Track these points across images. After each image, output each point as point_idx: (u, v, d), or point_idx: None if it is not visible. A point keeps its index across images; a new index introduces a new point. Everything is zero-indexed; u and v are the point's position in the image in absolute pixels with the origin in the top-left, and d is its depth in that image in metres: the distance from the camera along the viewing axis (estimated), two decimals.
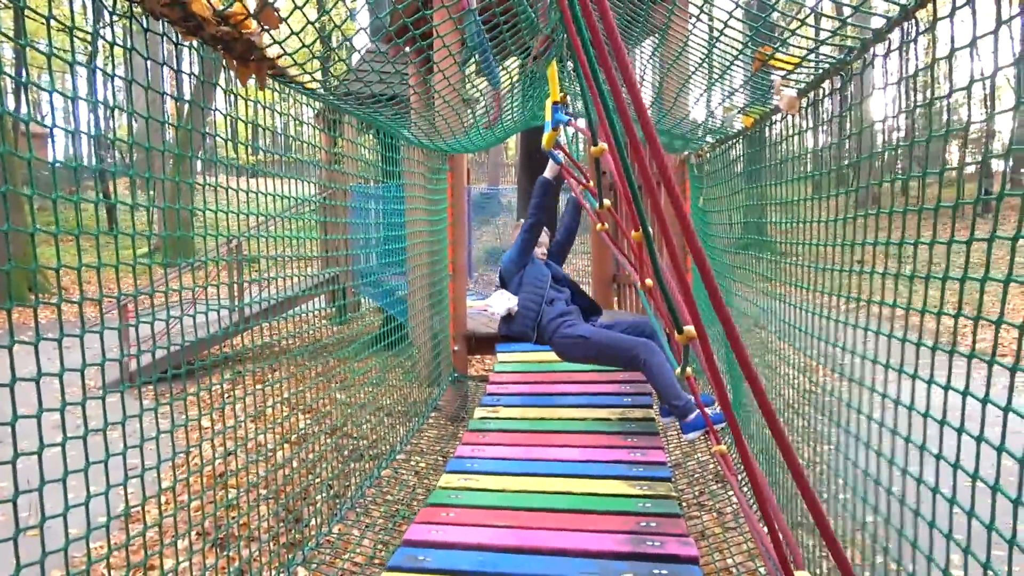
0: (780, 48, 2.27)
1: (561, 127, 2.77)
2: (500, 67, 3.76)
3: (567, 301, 4.13)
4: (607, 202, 2.76)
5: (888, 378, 1.80)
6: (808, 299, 2.44)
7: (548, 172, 4.00)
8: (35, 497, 1.59)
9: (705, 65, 2.72)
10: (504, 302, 4.01)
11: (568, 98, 3.01)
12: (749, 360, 1.06)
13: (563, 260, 4.62)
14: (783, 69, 2.29)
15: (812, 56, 2.10)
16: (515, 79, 3.81)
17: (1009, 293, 1.22)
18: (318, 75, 2.51)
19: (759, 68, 2.43)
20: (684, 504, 3.58)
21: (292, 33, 2.02)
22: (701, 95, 3.34)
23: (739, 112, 3.23)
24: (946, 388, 1.48)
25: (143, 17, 1.72)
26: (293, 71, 2.24)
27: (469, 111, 4.26)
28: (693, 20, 2.35)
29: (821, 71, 2.12)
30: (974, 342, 1.39)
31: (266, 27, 1.86)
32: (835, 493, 2.28)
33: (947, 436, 1.52)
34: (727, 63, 2.68)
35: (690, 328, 1.23)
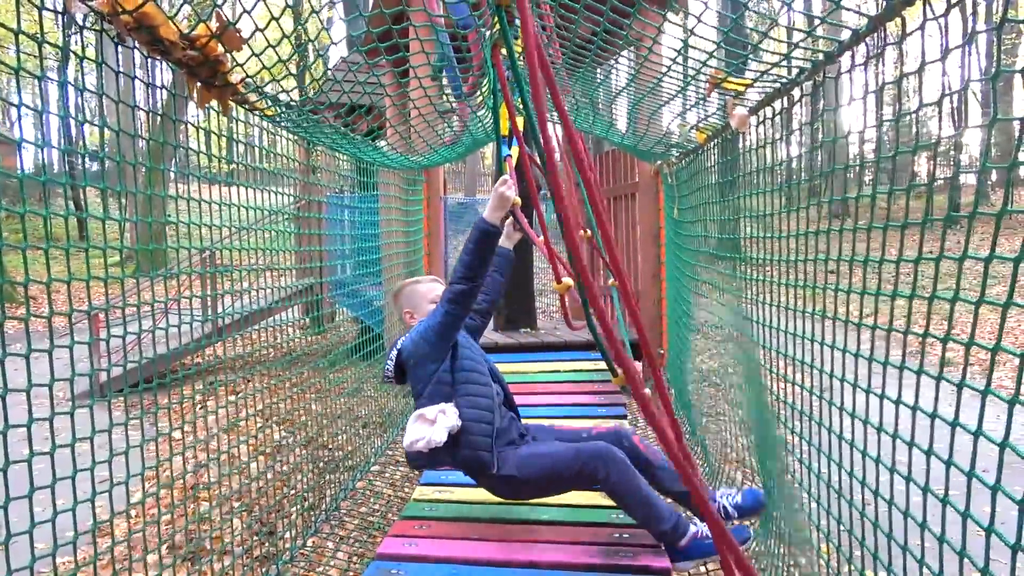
0: (731, 74, 2.34)
1: (509, 160, 2.85)
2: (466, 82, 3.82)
3: (502, 410, 2.68)
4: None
5: (844, 391, 1.84)
6: (765, 313, 2.48)
7: (491, 212, 2.49)
8: (0, 514, 1.57)
9: (667, 81, 2.77)
10: (443, 420, 2.42)
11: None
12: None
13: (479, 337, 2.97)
14: (735, 91, 2.35)
15: (764, 77, 2.16)
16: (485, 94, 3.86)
17: (968, 309, 1.26)
18: (284, 97, 2.51)
19: (712, 91, 2.49)
20: None
21: (253, 54, 2.03)
22: (658, 109, 3.39)
23: (692, 128, 3.29)
24: (897, 403, 1.52)
25: (113, 35, 1.72)
26: (253, 97, 2.24)
27: (444, 123, 4.28)
28: (659, 30, 2.40)
29: (772, 91, 2.18)
30: (922, 359, 1.43)
31: (229, 49, 1.87)
32: (804, 502, 2.31)
33: (911, 450, 1.55)
34: (687, 81, 2.74)
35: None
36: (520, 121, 2.84)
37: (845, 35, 1.63)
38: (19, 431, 1.61)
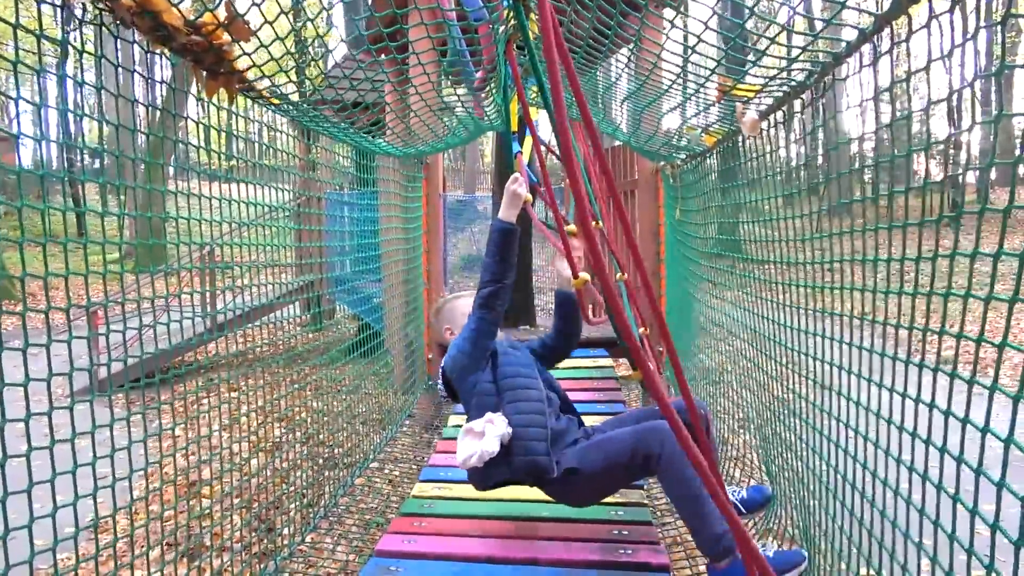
0: (740, 80, 2.34)
1: (520, 157, 2.85)
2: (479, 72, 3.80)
3: (558, 414, 2.56)
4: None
5: (859, 386, 1.84)
6: (778, 311, 2.49)
7: (505, 210, 2.48)
8: None
9: (673, 82, 2.77)
10: (491, 430, 2.32)
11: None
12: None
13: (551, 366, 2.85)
14: (744, 97, 2.35)
15: (772, 82, 2.15)
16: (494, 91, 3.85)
17: (978, 306, 1.26)
18: (289, 87, 2.51)
19: (721, 99, 2.49)
20: (658, 510, 3.61)
21: (261, 45, 2.02)
22: (666, 113, 3.38)
23: (702, 132, 3.28)
24: (916, 400, 1.52)
25: (114, 25, 1.71)
26: (261, 85, 2.23)
27: (447, 117, 4.27)
28: (665, 36, 2.40)
29: (781, 95, 2.18)
30: (939, 355, 1.43)
31: (237, 39, 1.86)
32: (807, 496, 2.31)
33: (921, 447, 1.55)
34: (687, 95, 2.74)
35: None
36: (532, 112, 2.83)
37: (848, 35, 1.63)
38: (17, 427, 1.60)
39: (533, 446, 2.35)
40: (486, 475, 2.40)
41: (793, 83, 2.05)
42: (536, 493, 2.97)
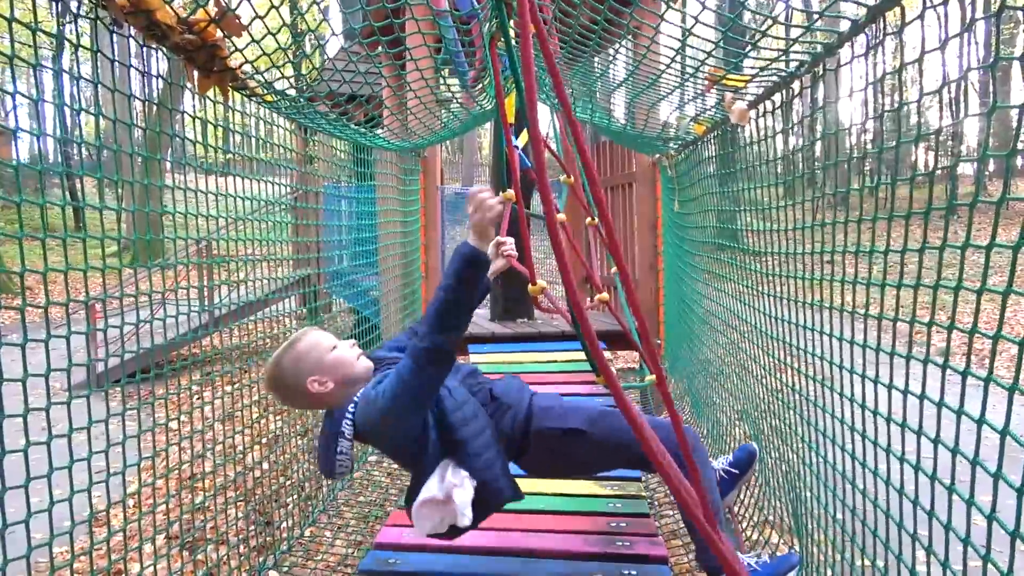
0: (730, 71, 2.34)
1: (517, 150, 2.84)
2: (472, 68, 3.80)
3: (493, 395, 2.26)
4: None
5: (852, 380, 1.85)
6: (773, 304, 2.49)
7: (476, 239, 1.84)
8: None
9: (667, 67, 2.77)
10: (460, 495, 1.92)
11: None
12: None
13: None
14: (734, 87, 2.36)
15: (762, 72, 2.16)
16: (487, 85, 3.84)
17: (971, 297, 1.26)
18: (283, 84, 2.50)
19: (712, 88, 2.49)
20: (657, 502, 3.62)
21: (252, 41, 2.01)
22: (657, 103, 3.38)
23: (691, 121, 3.29)
24: (904, 391, 1.52)
25: (110, 22, 1.71)
26: (253, 83, 2.23)
27: (443, 110, 4.26)
28: (655, 30, 2.40)
29: (771, 84, 2.18)
30: (928, 348, 1.43)
31: (228, 34, 1.85)
32: (806, 489, 2.32)
33: (917, 438, 1.55)
34: (685, 78, 2.74)
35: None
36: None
37: (843, 26, 1.63)
38: (15, 422, 1.60)
39: (496, 485, 2.03)
40: (454, 534, 2.07)
41: (783, 73, 2.05)
42: (535, 486, 2.98)
